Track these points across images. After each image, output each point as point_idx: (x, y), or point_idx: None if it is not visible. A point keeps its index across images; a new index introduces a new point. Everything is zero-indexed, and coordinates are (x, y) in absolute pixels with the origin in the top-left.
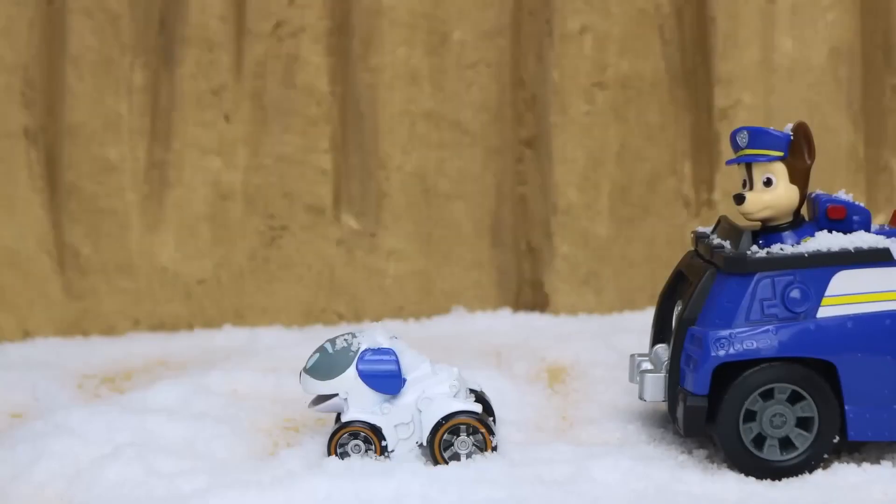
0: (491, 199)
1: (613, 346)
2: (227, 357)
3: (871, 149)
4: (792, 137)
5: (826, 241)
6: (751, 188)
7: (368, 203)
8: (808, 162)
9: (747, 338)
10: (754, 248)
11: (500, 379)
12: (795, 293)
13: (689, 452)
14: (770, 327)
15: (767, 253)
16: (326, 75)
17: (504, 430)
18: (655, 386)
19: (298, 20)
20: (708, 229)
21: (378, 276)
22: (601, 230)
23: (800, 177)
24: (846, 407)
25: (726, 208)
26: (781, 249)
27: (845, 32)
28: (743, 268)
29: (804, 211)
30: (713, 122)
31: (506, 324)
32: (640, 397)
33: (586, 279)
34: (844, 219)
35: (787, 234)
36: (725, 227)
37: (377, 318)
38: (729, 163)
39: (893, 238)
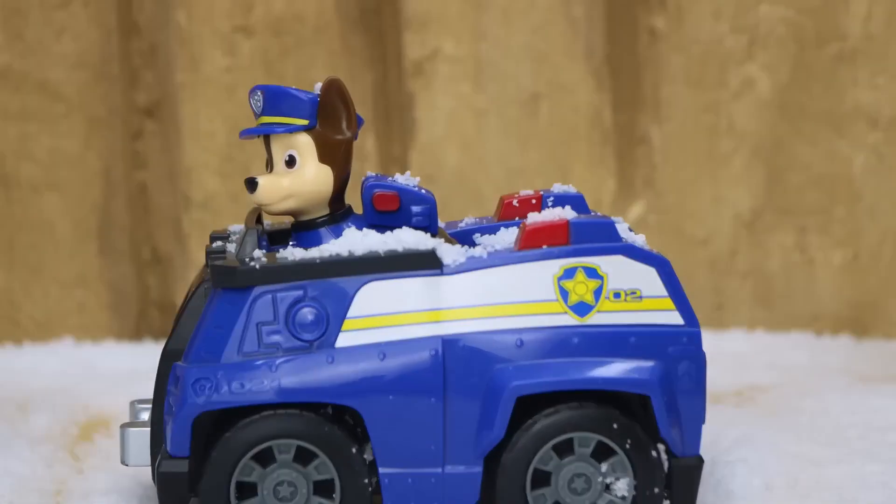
0: (97, 189)
1: None
2: None
3: (622, 113)
4: (320, 100)
5: (351, 241)
6: (271, 170)
7: None
8: (347, 134)
9: (238, 377)
10: (257, 252)
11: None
12: (306, 314)
13: None
14: (269, 362)
15: (271, 260)
16: None
17: None
18: (139, 444)
19: None
20: (240, 227)
21: None
22: None
23: (335, 153)
24: (379, 470)
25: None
26: (294, 255)
27: None
28: (234, 281)
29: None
30: (404, 81)
31: (119, 360)
32: (123, 461)
33: None
34: (398, 210)
35: (325, 231)
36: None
37: None
38: (243, 135)
39: (482, 237)
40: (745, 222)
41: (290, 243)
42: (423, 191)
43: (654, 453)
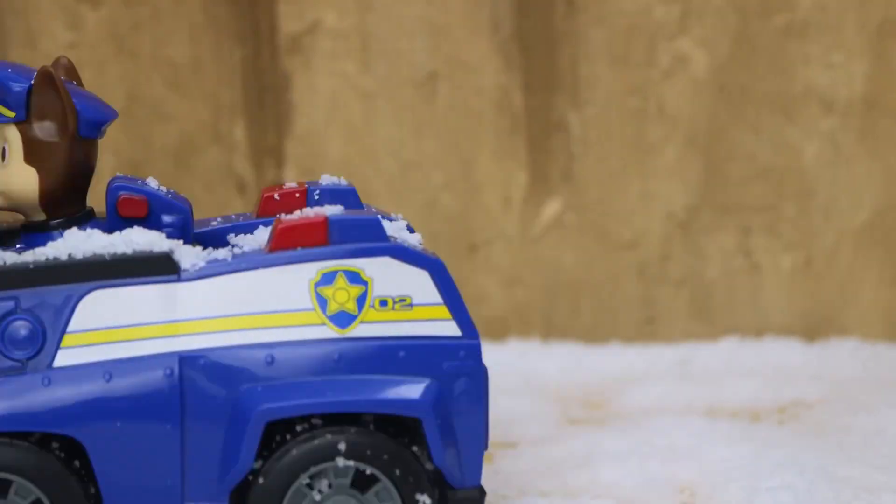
0: None
1: None
2: None
3: (534, 96)
4: (29, 93)
5: (72, 244)
6: None
7: None
8: (58, 138)
9: None
10: None
11: None
12: (18, 329)
13: None
14: None
15: None
16: None
17: None
18: None
19: None
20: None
21: None
22: None
23: (43, 156)
24: None
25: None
26: (4, 260)
27: None
28: None
29: None
30: (279, 58)
31: None
32: None
33: None
34: (146, 217)
35: (57, 235)
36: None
37: None
38: None
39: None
40: (678, 222)
41: (18, 246)
42: (178, 199)
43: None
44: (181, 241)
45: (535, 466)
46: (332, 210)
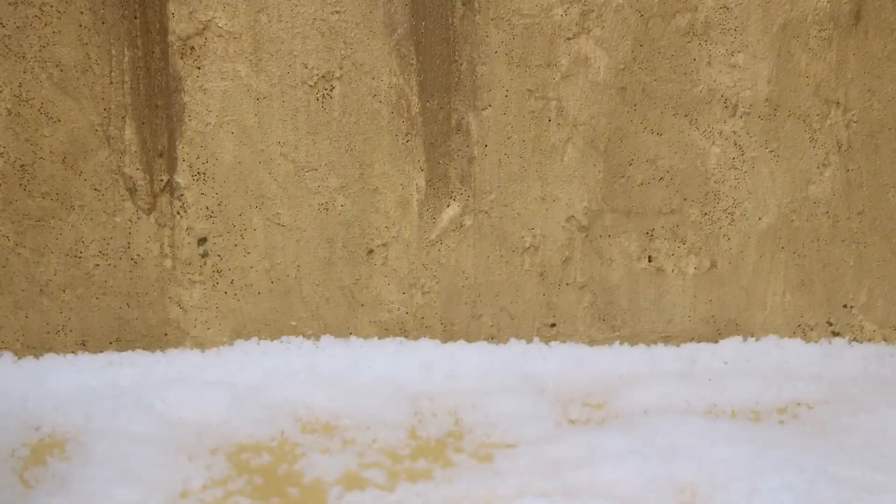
0: None
1: None
2: None
3: (431, 98)
4: None
5: None
6: None
7: None
8: None
9: None
10: None
11: None
12: None
13: None
14: None
15: None
16: None
17: None
18: None
19: None
20: None
21: None
22: None
23: None
24: None
25: (199, 195)
26: None
27: None
28: None
29: None
30: (171, 60)
31: None
32: None
33: None
34: None
35: None
36: None
37: None
38: None
39: None
40: (580, 226)
41: None
42: None
43: None
44: None
45: (535, 466)
46: None
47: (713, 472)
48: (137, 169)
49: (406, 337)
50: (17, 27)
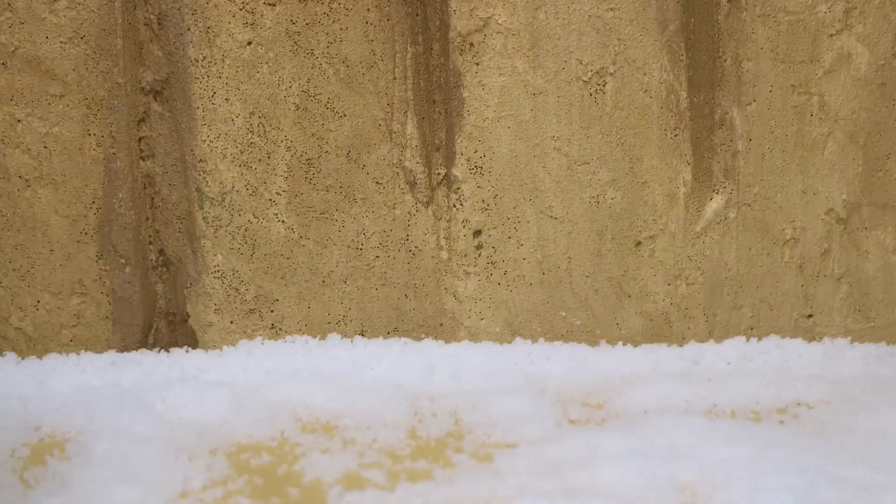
0: (96, 182)
1: None
2: None
3: (698, 93)
4: None
5: None
6: None
7: None
8: None
9: None
10: None
11: None
12: None
13: None
14: None
15: None
16: None
17: None
18: None
19: None
20: None
21: None
22: (277, 228)
23: None
24: None
25: (475, 188)
26: None
27: None
28: None
29: None
30: (450, 55)
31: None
32: None
33: (255, 307)
34: None
35: None
36: None
37: None
38: None
39: None
40: (838, 218)
41: None
42: None
43: None
44: None
45: (535, 466)
46: None
47: (713, 472)
48: (417, 163)
49: (671, 327)
50: (307, 24)
